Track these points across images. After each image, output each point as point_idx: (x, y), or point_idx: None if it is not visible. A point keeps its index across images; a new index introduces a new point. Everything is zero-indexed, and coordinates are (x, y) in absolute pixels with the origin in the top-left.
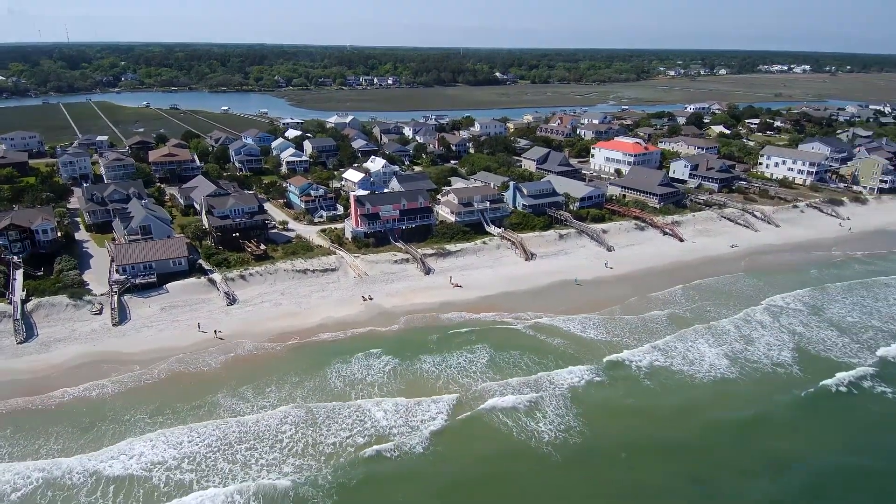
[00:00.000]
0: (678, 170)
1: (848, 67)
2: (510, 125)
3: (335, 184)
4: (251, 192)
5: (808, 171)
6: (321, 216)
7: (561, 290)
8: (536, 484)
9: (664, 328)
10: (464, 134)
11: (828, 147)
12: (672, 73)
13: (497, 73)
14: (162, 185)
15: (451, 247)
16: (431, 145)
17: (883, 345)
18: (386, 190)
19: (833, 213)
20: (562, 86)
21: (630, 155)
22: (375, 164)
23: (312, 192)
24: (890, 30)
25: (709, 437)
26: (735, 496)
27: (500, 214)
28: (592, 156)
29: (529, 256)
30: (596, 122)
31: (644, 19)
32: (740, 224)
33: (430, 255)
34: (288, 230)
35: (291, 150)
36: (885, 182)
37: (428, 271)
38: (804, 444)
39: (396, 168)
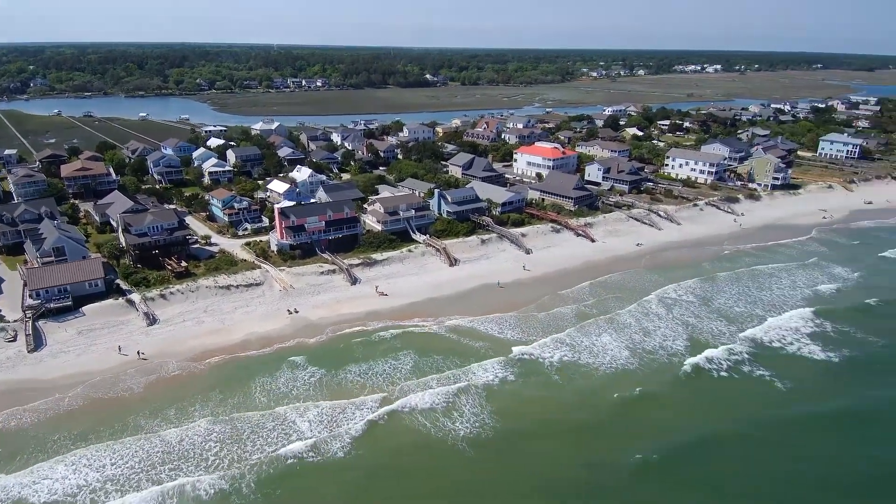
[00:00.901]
0: (592, 173)
1: (756, 66)
2: (439, 129)
3: (260, 194)
4: (171, 206)
5: (708, 171)
6: (246, 229)
7: (483, 293)
8: (451, 478)
9: (570, 322)
10: (392, 140)
11: (727, 147)
12: (595, 74)
13: (427, 75)
14: (76, 202)
15: (377, 256)
16: (360, 152)
17: (751, 326)
18: (313, 200)
19: (729, 210)
20: (491, 87)
21: (549, 160)
22: (302, 173)
23: (236, 205)
24: (794, 29)
25: (604, 418)
26: (622, 466)
27: (426, 222)
28: (515, 160)
29: (453, 262)
30: (520, 126)
31: (568, 20)
32: (646, 224)
33: (357, 265)
34: (211, 245)
35: (214, 161)
36: (777, 179)
37: (354, 281)
38: (683, 416)
39: (323, 177)
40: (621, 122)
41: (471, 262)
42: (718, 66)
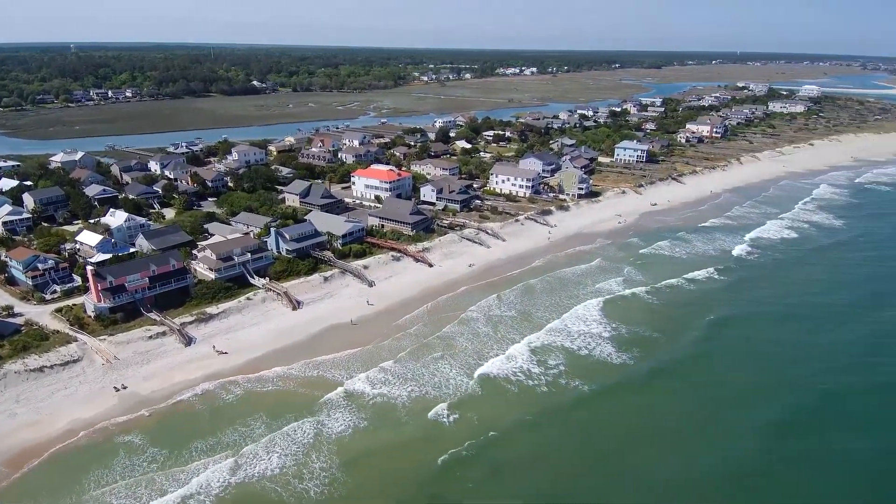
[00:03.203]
0: (427, 194)
1: (566, 68)
2: (272, 148)
3: (69, 245)
4: None
5: (526, 186)
6: (55, 292)
7: (329, 335)
8: None
9: (407, 351)
10: (220, 167)
11: (541, 161)
12: (425, 78)
13: (255, 82)
14: None
15: (212, 309)
16: (183, 181)
17: (549, 322)
18: (133, 249)
19: (544, 223)
20: (324, 94)
21: (385, 182)
22: (116, 217)
23: (41, 266)
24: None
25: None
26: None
27: (264, 264)
28: (353, 183)
29: (296, 305)
30: (356, 142)
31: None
32: (476, 243)
33: (190, 322)
34: (14, 316)
35: (8, 208)
36: (582, 189)
37: (189, 342)
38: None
39: (143, 220)
40: (451, 135)
41: (315, 302)
42: (534, 69)
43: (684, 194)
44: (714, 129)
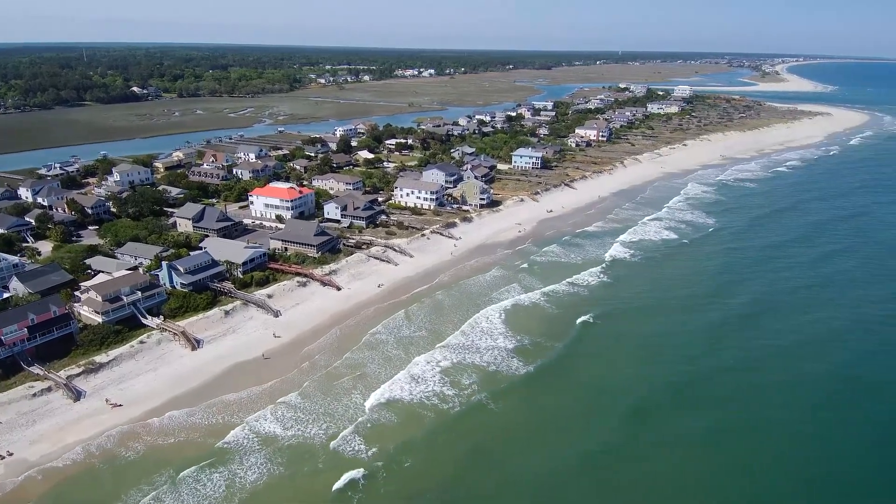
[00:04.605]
0: (331, 211)
1: (463, 69)
2: (158, 165)
3: None
4: None
5: (430, 199)
6: None
7: (234, 375)
8: None
9: (314, 379)
10: (100, 190)
11: (443, 172)
12: (322, 80)
13: (135, 88)
14: None
15: (101, 357)
16: (60, 209)
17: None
18: (6, 294)
19: (449, 236)
20: (213, 100)
21: (287, 201)
22: None
23: None
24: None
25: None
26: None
27: (157, 301)
28: (252, 203)
29: (196, 345)
30: (252, 156)
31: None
32: (384, 261)
33: (78, 374)
34: None
35: None
36: (483, 199)
37: (78, 396)
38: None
39: (16, 259)
40: (353, 144)
41: (216, 340)
42: (432, 71)
43: (577, 199)
44: (600, 133)
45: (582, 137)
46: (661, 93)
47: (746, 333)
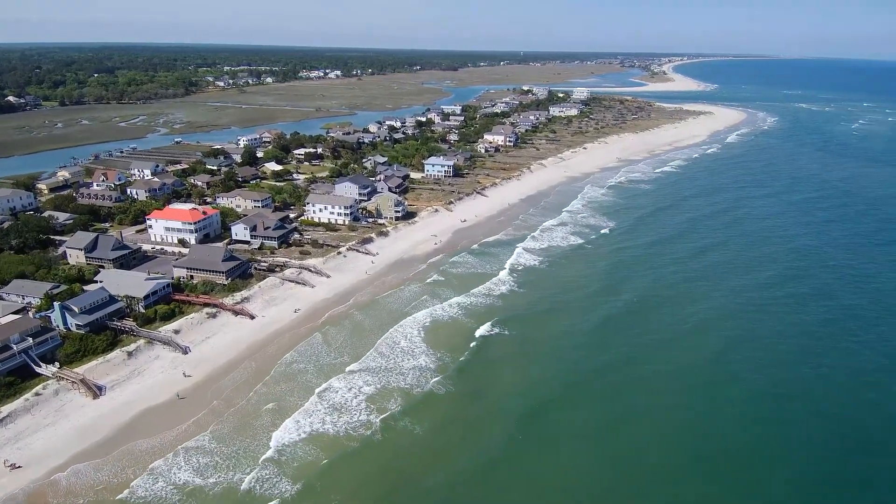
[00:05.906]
0: (239, 232)
1: (370, 70)
2: (42, 187)
3: None
4: None
5: (345, 214)
6: None
7: (141, 421)
8: None
9: (227, 419)
10: None
11: (356, 185)
12: (221, 83)
13: (10, 97)
14: None
15: None
16: None
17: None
18: None
19: (366, 252)
20: (100, 107)
21: (190, 223)
22: None
23: None
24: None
25: None
26: None
27: (51, 346)
28: (150, 226)
29: (97, 393)
30: (147, 172)
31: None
32: (299, 283)
33: None
34: None
35: None
36: (398, 212)
37: None
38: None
39: None
40: (259, 155)
41: (120, 385)
42: (339, 72)
43: (489, 207)
44: (507, 139)
45: (491, 143)
46: (561, 94)
47: (634, 329)
